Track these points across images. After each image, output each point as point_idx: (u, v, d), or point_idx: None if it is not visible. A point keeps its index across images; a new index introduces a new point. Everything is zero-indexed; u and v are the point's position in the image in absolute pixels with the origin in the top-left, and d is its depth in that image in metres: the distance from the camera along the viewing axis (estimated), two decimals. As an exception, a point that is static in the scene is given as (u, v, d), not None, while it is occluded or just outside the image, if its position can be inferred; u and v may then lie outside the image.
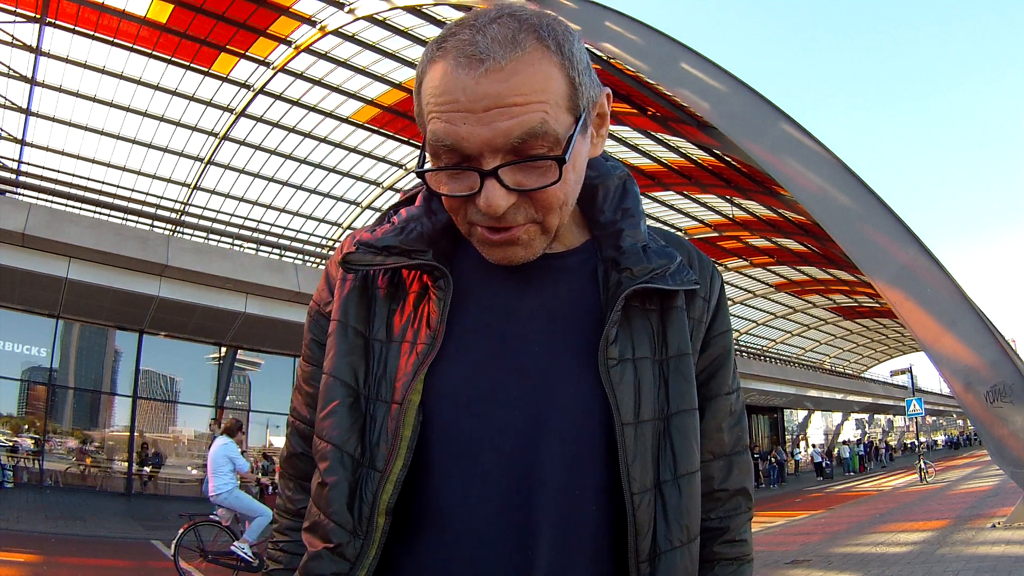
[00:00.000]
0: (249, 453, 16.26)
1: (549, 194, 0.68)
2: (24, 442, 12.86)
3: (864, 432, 48.64)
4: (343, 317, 0.78)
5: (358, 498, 0.72)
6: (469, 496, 0.70)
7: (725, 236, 23.47)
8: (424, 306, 0.76)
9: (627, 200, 0.83)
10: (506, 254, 0.72)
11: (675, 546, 0.73)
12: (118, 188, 16.80)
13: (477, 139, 0.65)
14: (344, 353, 0.77)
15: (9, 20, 13.61)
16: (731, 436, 0.83)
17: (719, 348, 0.84)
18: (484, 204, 0.67)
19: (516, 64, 0.64)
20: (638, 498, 0.71)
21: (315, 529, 0.74)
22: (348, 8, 13.98)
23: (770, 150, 9.22)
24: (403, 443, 0.71)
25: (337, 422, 0.75)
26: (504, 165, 0.66)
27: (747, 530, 0.85)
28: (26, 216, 10.61)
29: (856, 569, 6.37)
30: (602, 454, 0.72)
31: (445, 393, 0.73)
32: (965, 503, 11.60)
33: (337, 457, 0.74)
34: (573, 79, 0.68)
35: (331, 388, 0.76)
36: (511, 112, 0.64)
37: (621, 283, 0.75)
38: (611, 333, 0.73)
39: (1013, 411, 7.42)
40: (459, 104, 0.65)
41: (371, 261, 0.76)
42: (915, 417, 21.21)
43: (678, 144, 17.12)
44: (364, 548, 0.71)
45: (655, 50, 9.90)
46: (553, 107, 0.66)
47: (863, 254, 8.55)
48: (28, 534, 8.20)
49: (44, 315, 12.97)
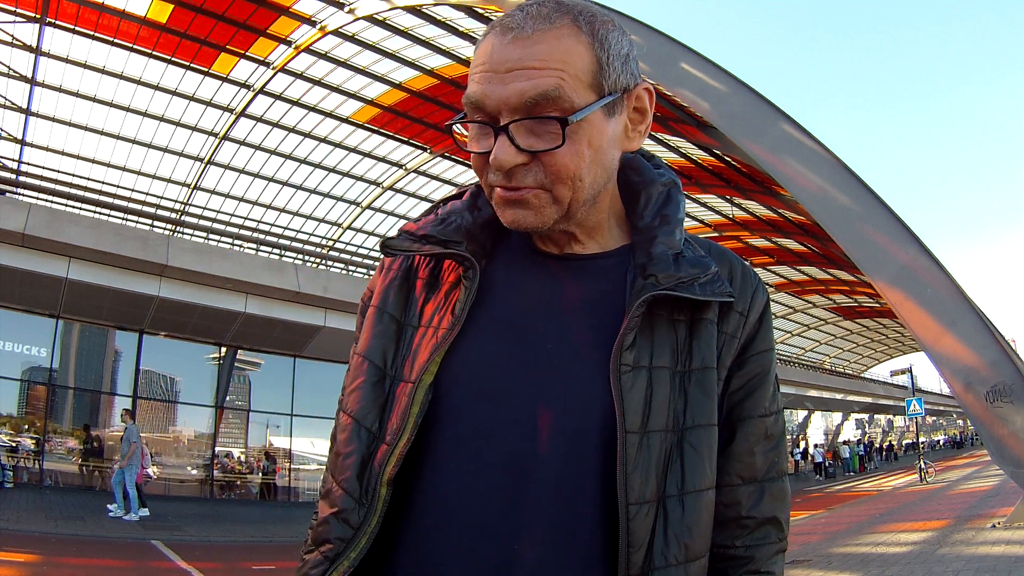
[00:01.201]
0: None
1: (557, 160, 0.71)
2: (24, 442, 12.86)
3: (864, 432, 48.66)
4: (381, 303, 0.83)
5: (368, 469, 0.76)
6: (466, 480, 0.72)
7: (725, 236, 23.46)
8: (454, 294, 0.79)
9: (668, 207, 0.83)
10: (516, 215, 0.74)
11: (670, 563, 0.70)
12: (118, 188, 16.79)
13: (496, 97, 0.70)
14: (377, 335, 0.81)
15: (9, 20, 13.61)
16: (764, 461, 0.80)
17: (757, 367, 0.81)
18: (492, 158, 0.71)
19: (541, 35, 0.70)
20: (634, 509, 0.69)
21: (327, 496, 0.78)
22: (348, 8, 13.98)
23: (770, 150, 9.22)
24: (410, 419, 0.74)
25: (360, 397, 0.79)
26: (514, 121, 0.70)
27: (776, 562, 0.80)
28: (26, 216, 10.61)
29: (856, 569, 6.37)
30: (603, 460, 0.71)
31: (459, 377, 0.75)
32: (965, 503, 11.60)
33: (355, 430, 0.78)
34: (600, 58, 0.72)
35: (360, 367, 0.81)
36: (528, 74, 0.69)
37: (644, 289, 0.74)
38: (627, 339, 0.73)
39: (1013, 411, 7.42)
40: (487, 66, 0.71)
41: (408, 247, 0.81)
42: (915, 417, 21.21)
43: (678, 144, 17.12)
44: (367, 516, 0.74)
45: (655, 50, 9.90)
46: (571, 78, 0.70)
47: (863, 254, 8.55)
48: (28, 534, 8.19)
49: (44, 315, 12.96)
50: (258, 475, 16.05)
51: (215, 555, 8.68)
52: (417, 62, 15.74)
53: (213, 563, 7.99)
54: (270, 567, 8.30)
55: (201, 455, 15.63)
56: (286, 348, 15.53)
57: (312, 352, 15.69)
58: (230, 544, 10.01)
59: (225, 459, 15.70)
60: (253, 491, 15.93)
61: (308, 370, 16.31)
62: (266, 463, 16.05)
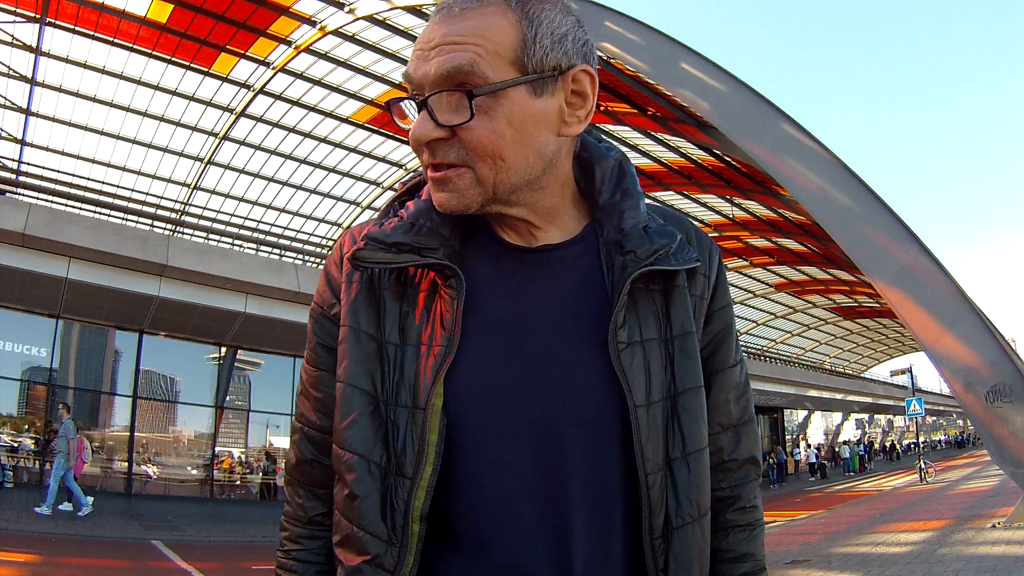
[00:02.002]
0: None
1: (474, 136, 0.70)
2: (24, 442, 12.85)
3: (864, 432, 48.65)
4: (354, 323, 0.77)
5: (389, 506, 0.72)
6: (499, 493, 0.71)
7: (725, 236, 23.46)
8: (435, 305, 0.75)
9: (625, 181, 0.83)
10: (439, 198, 0.74)
11: (687, 522, 0.74)
12: (118, 188, 16.81)
13: (420, 73, 0.71)
14: (359, 360, 0.76)
15: (9, 20, 13.61)
16: (738, 407, 0.85)
17: (721, 322, 0.85)
18: (411, 131, 0.72)
19: (467, 12, 0.71)
20: (652, 477, 0.72)
21: (349, 543, 0.73)
22: (348, 8, 13.98)
23: (770, 150, 9.22)
24: (431, 448, 0.71)
25: (360, 432, 0.74)
26: (431, 95, 0.70)
27: (757, 496, 0.88)
28: (26, 216, 10.61)
29: (856, 569, 6.37)
30: (618, 437, 0.73)
31: (465, 393, 0.73)
32: (965, 503, 11.60)
33: (364, 467, 0.73)
34: (526, 35, 0.71)
35: (349, 397, 0.75)
36: (447, 49, 0.70)
37: (627, 266, 0.75)
38: (619, 317, 0.74)
39: (1013, 411, 7.41)
40: (419, 43, 0.73)
41: (381, 258, 0.75)
42: (915, 417, 21.21)
43: (678, 144, 17.11)
44: (402, 556, 0.71)
45: (655, 50, 9.90)
46: (490, 53, 0.70)
47: (863, 254, 8.55)
48: (28, 534, 8.19)
49: (44, 315, 12.96)
50: (258, 475, 16.05)
51: (215, 555, 8.68)
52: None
53: (213, 563, 7.99)
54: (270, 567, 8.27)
55: (201, 455, 15.63)
56: (286, 348, 15.52)
57: (312, 352, 15.68)
58: (230, 544, 10.01)
59: (220, 462, 15.67)
60: (253, 491, 15.93)
61: (308, 370, 16.30)
62: (266, 463, 16.05)
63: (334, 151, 19.34)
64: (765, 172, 10.32)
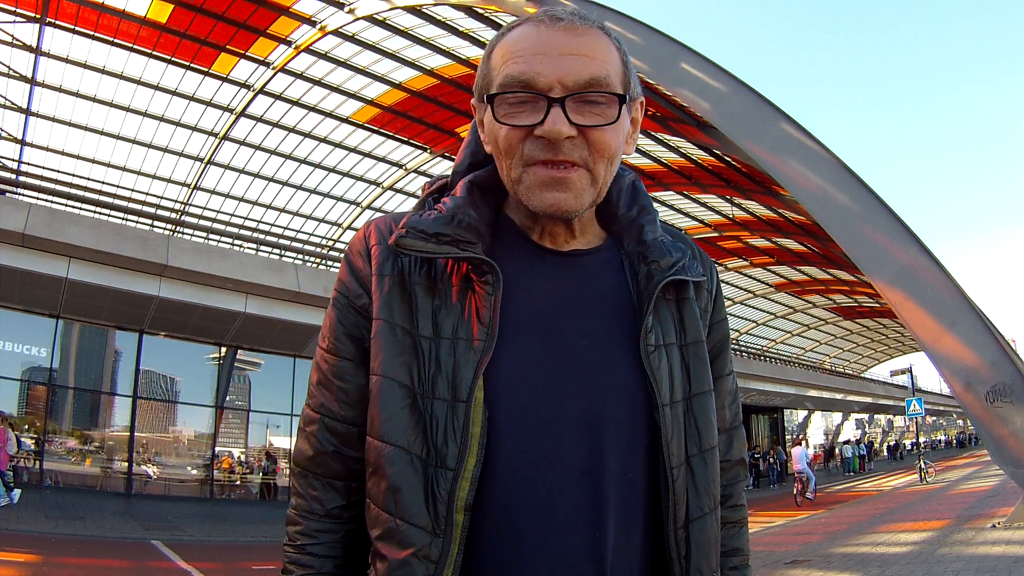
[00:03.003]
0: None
1: (603, 137, 0.76)
2: (24, 442, 12.85)
3: (864, 432, 48.63)
4: (388, 316, 0.78)
5: (432, 498, 0.73)
6: (541, 485, 0.73)
7: (725, 236, 23.47)
8: (470, 300, 0.77)
9: (641, 198, 0.90)
10: (556, 198, 0.76)
11: (705, 512, 0.80)
12: (118, 188, 16.80)
13: (551, 75, 0.74)
14: (396, 354, 0.77)
15: (9, 20, 13.61)
16: (730, 413, 0.93)
17: (720, 334, 0.93)
18: (548, 127, 0.73)
19: (587, 30, 0.77)
20: (675, 471, 0.77)
21: (392, 536, 0.74)
22: (348, 8, 13.98)
23: (770, 150, 9.22)
24: (474, 440, 0.73)
25: (401, 424, 0.75)
26: (571, 96, 0.74)
27: (743, 495, 0.96)
28: (26, 216, 10.61)
29: (856, 569, 6.36)
30: (646, 434, 0.78)
31: (505, 387, 0.75)
32: (965, 503, 11.59)
33: (406, 460, 0.74)
34: (626, 63, 0.80)
35: (387, 390, 0.76)
36: (582, 59, 0.74)
37: (652, 275, 0.82)
38: (648, 322, 0.79)
39: (1013, 411, 7.41)
40: (537, 47, 0.75)
41: (423, 247, 0.77)
42: (915, 417, 21.21)
43: (678, 144, 17.11)
44: (446, 547, 0.72)
45: (655, 50, 9.90)
46: (614, 71, 0.77)
47: (863, 254, 8.55)
48: (28, 534, 8.19)
49: (44, 315, 12.96)
50: (258, 475, 16.04)
51: (215, 555, 8.68)
52: (417, 62, 15.73)
53: (213, 563, 7.99)
54: (270, 567, 8.29)
55: (201, 455, 15.63)
56: (286, 348, 15.52)
57: (312, 352, 15.58)
58: (230, 544, 10.02)
59: (220, 462, 15.66)
60: (253, 491, 15.92)
61: (308, 370, 16.18)
62: (266, 463, 16.05)
63: (334, 151, 19.33)
64: (765, 172, 10.32)
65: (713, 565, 0.80)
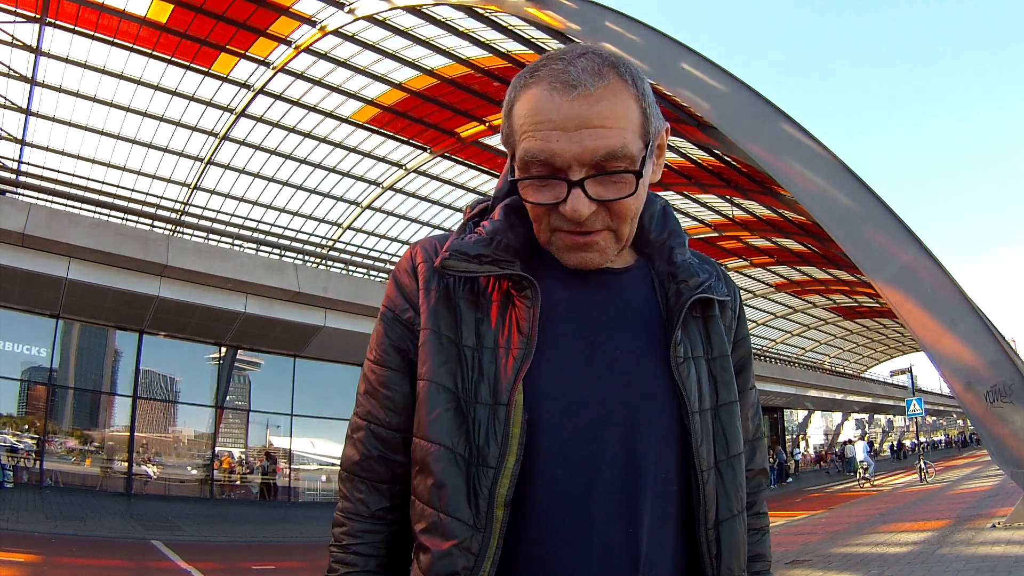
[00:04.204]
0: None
1: (624, 205, 0.80)
2: (24, 442, 12.86)
3: (864, 432, 48.61)
4: (435, 326, 0.85)
5: (473, 494, 0.78)
6: (577, 484, 0.78)
7: (725, 236, 23.46)
8: (510, 313, 0.83)
9: (671, 223, 0.95)
10: (583, 258, 0.83)
11: (733, 514, 0.85)
12: (118, 188, 16.77)
13: (568, 154, 0.76)
14: (442, 361, 0.83)
15: (9, 20, 13.61)
16: (753, 424, 0.99)
17: (743, 350, 0.98)
18: (570, 210, 0.77)
19: (603, 91, 0.76)
20: (705, 474, 0.82)
21: (435, 529, 0.79)
22: (348, 8, 13.98)
23: (770, 150, 9.22)
24: (514, 440, 0.78)
25: (445, 425, 0.81)
26: (589, 177, 0.77)
27: (765, 503, 1.02)
28: (26, 216, 10.61)
29: (856, 569, 6.37)
30: (678, 439, 0.83)
31: (545, 393, 0.80)
32: (965, 503, 11.59)
33: (450, 459, 0.80)
34: (645, 110, 0.80)
35: (434, 394, 0.82)
36: (598, 133, 0.76)
37: (681, 293, 0.87)
38: (678, 335, 0.85)
39: (1013, 411, 7.41)
40: (553, 123, 0.76)
41: (465, 268, 0.84)
42: (915, 417, 21.21)
43: (678, 144, 17.11)
44: (486, 541, 0.77)
45: (655, 50, 9.90)
46: (631, 133, 0.78)
47: (863, 254, 8.55)
48: (28, 534, 8.20)
49: (44, 315, 12.97)
50: (258, 475, 16.04)
51: (215, 555, 8.69)
52: (417, 62, 15.73)
53: (213, 563, 8.00)
54: (270, 567, 8.30)
55: (201, 455, 15.63)
56: (286, 348, 15.53)
57: (312, 352, 15.69)
58: (230, 544, 10.02)
59: (220, 462, 15.66)
60: (253, 491, 15.92)
61: (308, 370, 16.31)
62: (266, 463, 16.05)
63: (334, 151, 19.33)
64: (765, 172, 10.32)
65: (743, 564, 0.85)
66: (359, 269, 18.00)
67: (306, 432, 16.73)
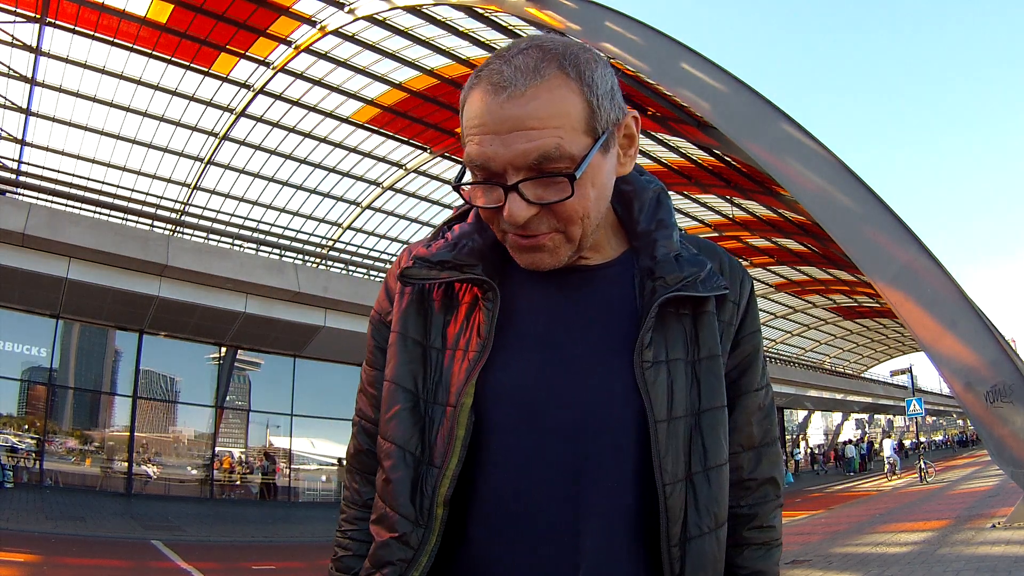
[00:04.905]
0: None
1: (567, 207, 0.76)
2: (24, 442, 12.86)
3: (864, 432, 48.63)
4: (403, 329, 0.87)
5: (419, 492, 0.80)
6: (521, 489, 0.77)
7: (725, 236, 23.45)
8: (475, 316, 0.83)
9: (661, 211, 0.89)
10: (533, 259, 0.80)
11: (704, 532, 0.79)
12: (118, 188, 16.79)
13: (501, 158, 0.73)
14: (405, 362, 0.85)
15: (9, 20, 13.61)
16: (760, 429, 0.91)
17: (749, 347, 0.91)
18: (506, 215, 0.75)
19: (535, 90, 0.72)
20: (670, 488, 0.77)
21: (382, 521, 0.83)
22: (348, 8, 13.98)
23: (770, 150, 9.21)
24: (457, 441, 0.78)
25: (400, 424, 0.83)
26: (523, 181, 0.74)
27: (776, 517, 0.92)
28: (26, 216, 10.62)
29: (856, 569, 6.37)
30: (639, 448, 0.78)
31: (496, 395, 0.80)
32: (965, 503, 11.59)
33: (400, 456, 0.82)
34: (591, 103, 0.75)
35: (393, 393, 0.85)
36: (529, 135, 0.72)
37: (655, 291, 0.81)
38: (645, 338, 0.80)
39: (1013, 411, 7.41)
40: (486, 127, 0.74)
41: (426, 275, 0.84)
42: (915, 417, 21.22)
43: (678, 144, 17.12)
44: (426, 536, 0.79)
45: (655, 50, 9.90)
46: (569, 131, 0.73)
47: (863, 254, 8.55)
48: (28, 534, 8.20)
49: (44, 315, 12.97)
50: (258, 475, 16.05)
51: (215, 555, 8.69)
52: (417, 62, 15.73)
53: (213, 563, 8.00)
54: (270, 567, 8.30)
55: (201, 455, 15.63)
56: (286, 348, 15.53)
57: (312, 352, 15.69)
58: (230, 544, 10.02)
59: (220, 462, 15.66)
60: (253, 491, 15.92)
61: (308, 370, 16.31)
62: (266, 463, 16.05)
63: (334, 151, 19.33)
64: (765, 172, 10.32)
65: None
66: (359, 269, 18.01)
67: (306, 432, 16.73)
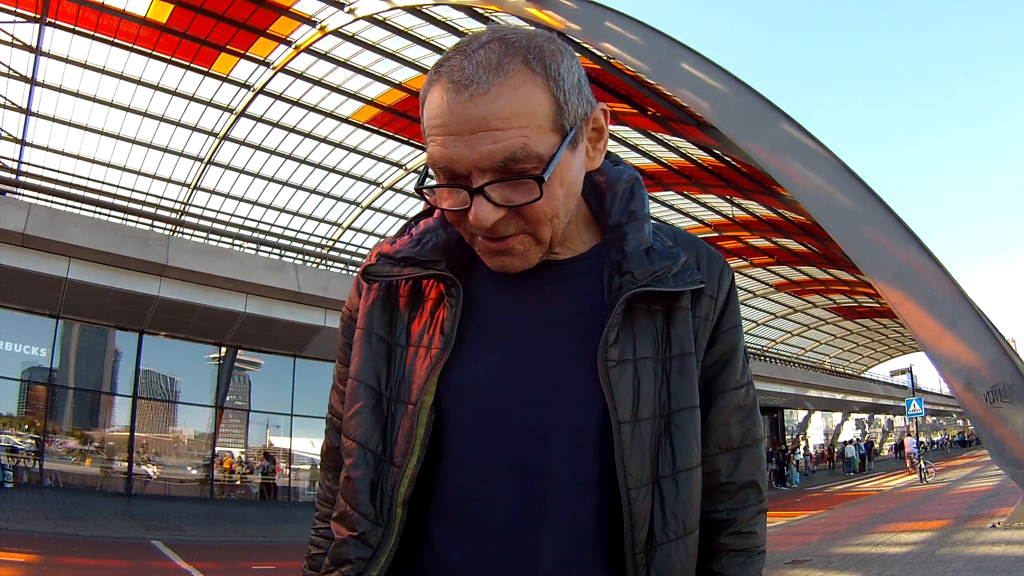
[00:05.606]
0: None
1: (535, 209, 0.73)
2: (24, 442, 12.85)
3: (864, 432, 48.63)
4: (368, 325, 0.85)
5: (379, 491, 0.78)
6: (480, 489, 0.76)
7: (725, 236, 23.46)
8: (439, 312, 0.81)
9: (633, 203, 0.85)
10: (503, 262, 0.77)
11: (671, 539, 0.76)
12: (118, 188, 16.79)
13: (465, 160, 0.70)
14: (368, 359, 0.83)
15: (9, 20, 13.61)
16: (739, 430, 0.85)
17: (727, 343, 0.86)
18: (472, 218, 0.72)
19: (499, 89, 0.68)
20: (634, 492, 0.74)
21: (342, 519, 0.81)
22: (348, 8, 13.98)
23: (770, 150, 9.21)
24: (417, 440, 0.77)
25: (361, 422, 0.81)
26: (489, 183, 0.70)
27: (757, 523, 0.86)
28: (26, 216, 10.62)
29: (856, 569, 6.37)
30: (602, 450, 0.75)
31: (457, 394, 0.78)
32: (965, 503, 11.59)
33: (361, 454, 0.80)
34: (558, 99, 0.71)
35: (356, 391, 0.83)
36: (493, 136, 0.68)
37: (623, 287, 0.78)
38: (610, 336, 0.76)
39: (1013, 411, 7.41)
40: (448, 128, 0.70)
41: (389, 272, 0.82)
42: (915, 417, 21.22)
43: (678, 144, 17.11)
44: (385, 536, 0.77)
45: (655, 50, 9.90)
46: (535, 129, 0.70)
47: (863, 254, 8.54)
48: (28, 534, 8.20)
49: (44, 315, 12.96)
50: (258, 475, 16.04)
51: (215, 555, 8.69)
52: (417, 62, 15.73)
53: (213, 563, 8.00)
54: (270, 567, 8.30)
55: (201, 455, 15.63)
56: (286, 348, 15.52)
57: (312, 352, 15.69)
58: (230, 544, 10.03)
59: (220, 462, 15.66)
60: (253, 491, 15.92)
61: (308, 370, 16.31)
62: (266, 463, 16.05)
63: (334, 151, 19.33)
64: (765, 172, 10.32)
65: None
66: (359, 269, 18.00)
67: (306, 432, 16.72)
